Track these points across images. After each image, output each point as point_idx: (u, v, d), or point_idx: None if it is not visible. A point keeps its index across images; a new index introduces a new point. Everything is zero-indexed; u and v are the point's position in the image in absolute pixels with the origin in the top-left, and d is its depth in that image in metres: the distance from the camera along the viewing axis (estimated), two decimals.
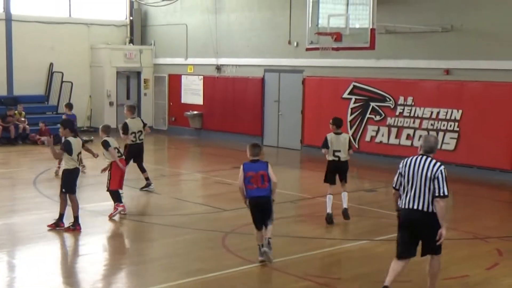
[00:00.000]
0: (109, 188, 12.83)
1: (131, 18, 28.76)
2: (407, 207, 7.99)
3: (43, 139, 11.37)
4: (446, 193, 7.82)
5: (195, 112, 26.39)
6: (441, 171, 7.86)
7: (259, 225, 9.85)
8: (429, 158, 7.97)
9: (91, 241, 11.60)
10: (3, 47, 25.56)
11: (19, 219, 12.89)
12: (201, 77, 26.28)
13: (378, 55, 19.77)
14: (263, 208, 9.77)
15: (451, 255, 10.56)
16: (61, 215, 11.81)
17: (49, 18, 26.60)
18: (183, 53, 27.01)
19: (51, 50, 26.37)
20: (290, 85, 23.03)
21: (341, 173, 12.65)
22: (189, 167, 20.11)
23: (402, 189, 8.10)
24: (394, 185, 8.24)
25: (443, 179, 7.83)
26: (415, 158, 8.03)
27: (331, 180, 12.64)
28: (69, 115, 17.71)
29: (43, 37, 26.26)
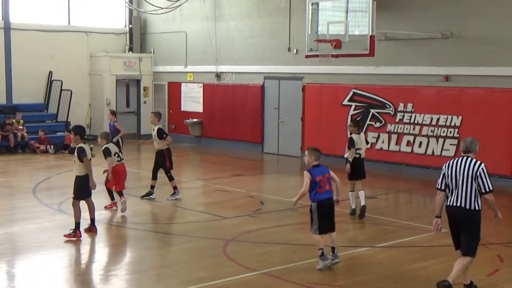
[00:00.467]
0: (106, 185, 14.06)
1: (131, 26, 28.79)
2: (453, 204, 8.63)
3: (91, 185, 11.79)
4: (491, 188, 8.51)
5: (195, 119, 26.39)
6: (482, 169, 8.49)
7: (324, 229, 9.94)
8: (469, 158, 8.59)
9: (91, 250, 11.57)
10: (2, 55, 25.57)
11: (19, 228, 12.86)
12: (201, 84, 26.28)
13: (377, 62, 19.79)
14: (330, 209, 10.01)
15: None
16: (77, 224, 11.73)
17: (48, 26, 26.64)
18: (183, 61, 27.03)
19: (50, 58, 26.37)
20: (290, 92, 23.03)
21: (361, 170, 13.77)
22: (189, 174, 20.07)
23: (447, 189, 8.69)
24: (438, 187, 8.79)
25: (485, 176, 8.46)
26: (457, 159, 8.67)
27: (356, 176, 13.69)
28: (110, 123, 18.30)
29: (42, 45, 26.28)
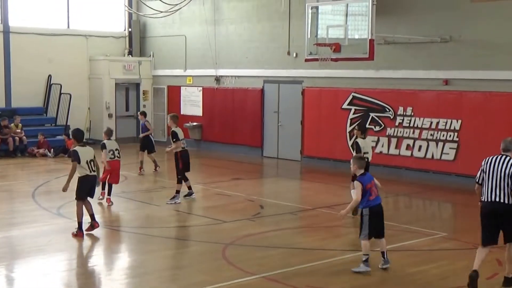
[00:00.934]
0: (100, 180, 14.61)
1: (130, 29, 28.77)
2: (488, 199, 9.22)
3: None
4: None
5: (195, 123, 26.37)
6: None
7: (373, 235, 10.08)
8: (508, 157, 9.22)
9: (91, 254, 11.57)
10: (1, 59, 25.54)
11: (18, 232, 12.82)
12: (200, 88, 26.28)
13: (377, 66, 19.78)
14: (381, 214, 10.24)
15: (451, 265, 10.56)
16: (79, 223, 12.14)
17: (47, 30, 26.62)
18: (182, 65, 27.02)
19: (49, 62, 26.37)
20: (289, 96, 23.03)
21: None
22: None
23: (484, 183, 9.31)
24: (476, 180, 9.54)
25: None
26: (496, 156, 9.29)
27: None
28: (141, 123, 20.69)
29: (41, 49, 26.26)
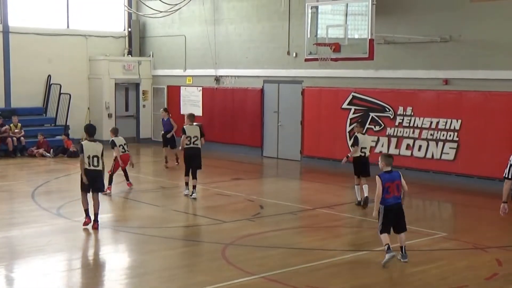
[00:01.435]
0: (109, 172, 15.86)
1: (130, 29, 28.75)
2: None
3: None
4: None
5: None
6: None
7: (387, 229, 10.42)
8: None
9: (90, 254, 11.57)
10: (0, 59, 25.52)
11: (18, 232, 12.81)
12: (200, 88, 26.27)
13: (377, 66, 19.77)
14: (397, 213, 10.47)
15: (451, 265, 10.56)
16: (85, 210, 12.78)
17: (47, 30, 26.61)
18: (182, 65, 27.02)
19: (49, 62, 26.36)
20: (289, 95, 23.02)
21: (365, 167, 14.86)
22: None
23: None
24: (505, 175, 9.89)
25: None
26: None
27: (361, 172, 14.89)
28: (164, 119, 21.26)
29: (41, 49, 26.25)
